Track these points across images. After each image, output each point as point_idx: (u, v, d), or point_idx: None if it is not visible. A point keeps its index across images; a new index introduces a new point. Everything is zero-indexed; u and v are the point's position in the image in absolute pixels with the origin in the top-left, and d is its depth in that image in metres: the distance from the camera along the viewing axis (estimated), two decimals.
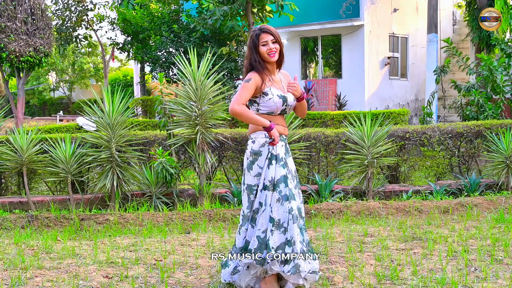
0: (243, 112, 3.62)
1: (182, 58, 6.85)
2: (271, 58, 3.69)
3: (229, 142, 7.21)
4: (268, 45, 3.67)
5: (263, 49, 3.67)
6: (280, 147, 3.72)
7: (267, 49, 3.67)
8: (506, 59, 10.34)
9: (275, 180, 3.63)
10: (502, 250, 4.64)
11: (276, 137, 3.62)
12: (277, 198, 3.61)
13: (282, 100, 3.70)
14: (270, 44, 3.67)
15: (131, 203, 6.75)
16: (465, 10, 16.95)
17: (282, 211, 3.59)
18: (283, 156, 3.71)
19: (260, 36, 3.68)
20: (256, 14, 12.26)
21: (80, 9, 18.35)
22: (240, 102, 3.62)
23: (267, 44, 3.67)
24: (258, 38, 3.68)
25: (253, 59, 3.69)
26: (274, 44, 3.69)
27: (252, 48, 3.69)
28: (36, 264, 4.56)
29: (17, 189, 7.44)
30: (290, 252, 3.57)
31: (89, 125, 10.29)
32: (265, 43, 3.67)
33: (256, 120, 3.64)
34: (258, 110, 3.73)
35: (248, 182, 3.72)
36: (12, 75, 12.01)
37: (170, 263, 4.52)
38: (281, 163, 3.65)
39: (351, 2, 15.84)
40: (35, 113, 27.47)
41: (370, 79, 16.10)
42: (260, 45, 3.68)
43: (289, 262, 3.58)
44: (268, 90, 3.68)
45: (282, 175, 3.63)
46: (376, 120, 7.24)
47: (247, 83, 3.64)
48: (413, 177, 8.01)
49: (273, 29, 3.74)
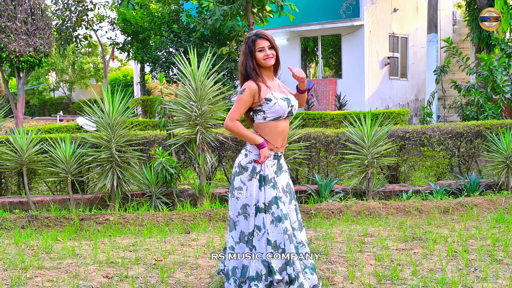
0: (235, 129, 3.60)
1: (182, 58, 6.85)
2: (268, 63, 3.61)
3: (229, 142, 7.21)
4: (264, 50, 3.58)
5: (259, 55, 3.59)
6: (271, 167, 3.66)
7: (264, 55, 3.59)
8: (506, 59, 10.34)
9: (267, 202, 3.60)
10: (502, 250, 4.64)
11: (263, 157, 3.58)
12: (270, 220, 3.58)
13: (287, 103, 3.63)
14: (266, 49, 3.58)
15: (131, 203, 6.75)
16: (465, 10, 16.95)
17: (277, 233, 3.57)
18: (273, 176, 3.65)
19: (256, 42, 3.59)
20: (256, 14, 12.26)
21: (80, 9, 18.35)
22: (234, 117, 3.60)
23: (263, 50, 3.58)
24: (254, 44, 3.59)
25: (249, 66, 3.59)
26: (271, 50, 3.61)
27: (248, 54, 3.60)
28: (36, 264, 4.56)
29: (17, 189, 7.44)
30: (292, 272, 3.55)
31: (89, 125, 10.29)
32: (261, 49, 3.58)
33: (249, 137, 3.60)
34: (265, 118, 3.61)
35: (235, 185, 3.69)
36: (12, 75, 12.01)
37: (170, 263, 4.52)
38: (270, 184, 3.61)
39: (351, 2, 15.84)
40: (35, 113, 27.48)
41: (370, 79, 16.10)
42: (256, 51, 3.59)
43: (293, 283, 3.55)
44: (271, 95, 3.60)
45: (273, 196, 3.60)
46: (376, 120, 7.24)
47: (241, 95, 3.58)
48: (413, 177, 8.01)
49: (269, 34, 3.66)
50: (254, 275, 3.54)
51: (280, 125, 3.65)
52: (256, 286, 3.51)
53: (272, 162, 3.68)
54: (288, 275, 3.53)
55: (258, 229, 3.59)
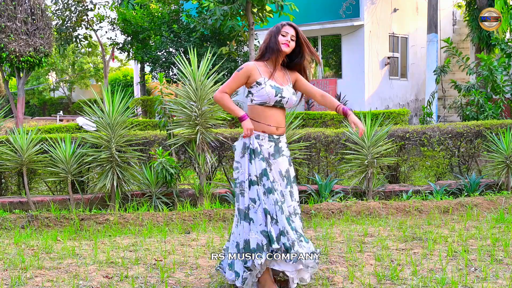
0: (221, 100, 3.79)
1: (182, 58, 6.85)
2: (282, 48, 3.78)
3: (229, 142, 7.21)
4: (286, 36, 3.79)
5: (281, 38, 3.79)
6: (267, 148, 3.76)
7: (285, 39, 3.79)
8: (506, 59, 10.34)
9: (258, 174, 3.70)
10: (502, 250, 4.64)
11: (247, 129, 3.69)
12: (263, 191, 3.69)
13: (275, 91, 3.74)
14: (288, 36, 3.79)
15: (131, 203, 6.75)
16: (465, 10, 16.95)
17: (269, 203, 3.67)
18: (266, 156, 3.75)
19: (285, 27, 3.82)
20: (256, 14, 12.27)
21: (80, 9, 18.36)
22: (223, 90, 3.81)
23: (286, 35, 3.79)
24: (282, 27, 3.83)
25: (271, 42, 3.80)
26: (292, 41, 3.81)
27: (274, 33, 3.82)
28: (36, 264, 4.56)
29: (17, 189, 7.44)
30: (287, 241, 3.63)
31: (89, 125, 10.29)
32: (285, 34, 3.79)
33: (232, 110, 3.78)
34: (252, 100, 3.80)
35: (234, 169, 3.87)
36: (12, 75, 12.01)
37: (170, 263, 4.53)
38: (260, 157, 3.71)
39: (351, 2, 15.84)
40: (35, 113, 27.48)
41: (370, 79, 16.10)
42: (281, 33, 3.79)
43: (289, 251, 3.63)
44: (262, 80, 3.76)
45: (262, 168, 3.70)
46: (376, 120, 7.24)
47: (238, 72, 3.81)
48: (413, 177, 8.01)
49: (300, 30, 3.86)
50: (255, 247, 3.62)
51: (267, 111, 3.78)
52: (259, 257, 3.60)
53: (268, 144, 3.78)
54: (283, 244, 3.63)
55: (253, 202, 3.69)
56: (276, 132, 3.81)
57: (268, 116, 3.79)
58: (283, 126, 3.86)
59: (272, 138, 3.80)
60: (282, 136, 3.87)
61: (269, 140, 3.79)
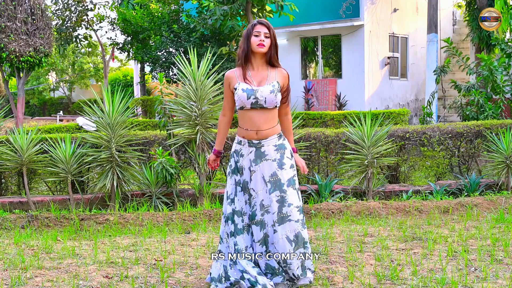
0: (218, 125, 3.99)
1: (182, 58, 6.85)
2: (258, 49, 3.71)
3: (229, 142, 7.21)
4: (259, 36, 3.71)
5: (254, 40, 3.72)
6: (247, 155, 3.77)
7: (258, 40, 3.70)
8: (506, 59, 10.34)
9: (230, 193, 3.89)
10: (502, 250, 4.64)
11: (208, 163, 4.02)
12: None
13: (246, 94, 3.68)
14: (262, 36, 3.71)
15: (131, 203, 6.75)
16: (465, 10, 16.95)
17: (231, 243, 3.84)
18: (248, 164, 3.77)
19: (256, 26, 3.74)
20: (256, 14, 12.26)
21: (80, 9, 18.35)
22: (223, 112, 3.93)
23: (259, 35, 3.71)
24: (253, 28, 3.74)
25: (243, 48, 3.74)
26: (267, 38, 3.73)
27: (245, 37, 3.74)
28: (36, 264, 4.56)
29: (17, 189, 7.44)
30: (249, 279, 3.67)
31: (89, 125, 10.29)
32: (257, 34, 3.71)
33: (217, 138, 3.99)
34: (236, 106, 3.81)
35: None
36: (12, 75, 12.01)
37: (170, 263, 4.52)
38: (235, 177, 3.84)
39: (351, 2, 15.84)
40: (35, 113, 27.47)
41: (370, 79, 16.10)
42: (253, 35, 3.72)
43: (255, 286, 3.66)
44: (238, 85, 3.74)
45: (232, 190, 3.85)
46: (376, 120, 7.24)
47: (224, 86, 3.88)
48: (413, 177, 8.01)
49: (270, 25, 3.78)
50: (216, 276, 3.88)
51: (247, 114, 3.74)
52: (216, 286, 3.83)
53: (248, 149, 3.76)
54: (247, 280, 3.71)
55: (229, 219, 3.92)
56: (255, 136, 3.72)
57: (246, 120, 3.75)
58: (264, 129, 3.72)
59: (252, 144, 3.74)
60: (265, 140, 3.73)
61: (249, 145, 3.75)
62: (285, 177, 3.71)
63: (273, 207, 3.68)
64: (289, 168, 3.75)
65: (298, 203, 3.73)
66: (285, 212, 3.68)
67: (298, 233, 3.70)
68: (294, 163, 3.82)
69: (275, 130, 3.78)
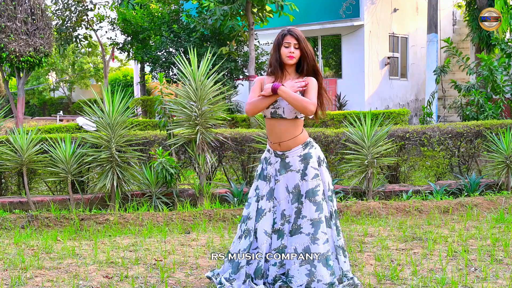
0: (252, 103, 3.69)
1: (182, 58, 6.85)
2: (287, 61, 3.71)
3: (229, 142, 7.21)
4: (290, 47, 3.69)
5: (284, 51, 3.70)
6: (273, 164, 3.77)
7: (288, 52, 3.69)
8: (506, 59, 10.34)
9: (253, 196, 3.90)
10: (502, 250, 4.64)
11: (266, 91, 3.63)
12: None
13: None
14: (292, 47, 3.69)
15: (131, 203, 6.75)
16: (465, 10, 16.94)
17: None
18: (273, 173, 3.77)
19: (285, 37, 3.71)
20: (256, 14, 12.27)
21: (80, 9, 18.34)
22: (249, 102, 3.75)
23: (289, 46, 3.69)
24: (283, 38, 3.72)
25: (274, 58, 3.75)
26: (296, 49, 3.70)
27: (276, 46, 3.74)
28: (36, 264, 4.56)
29: (17, 189, 7.44)
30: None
31: (89, 125, 10.29)
32: (287, 45, 3.70)
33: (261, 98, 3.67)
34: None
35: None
36: (12, 75, 12.01)
37: (170, 263, 4.53)
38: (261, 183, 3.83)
39: (351, 2, 15.84)
40: (35, 113, 27.47)
41: (370, 79, 16.10)
42: (283, 45, 3.71)
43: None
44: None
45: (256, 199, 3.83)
46: (376, 120, 7.23)
47: (253, 86, 3.80)
48: (413, 177, 8.01)
49: (301, 34, 3.74)
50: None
51: (270, 123, 3.75)
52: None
53: (275, 159, 3.77)
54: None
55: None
56: (279, 148, 3.73)
57: (270, 131, 3.76)
58: (285, 140, 3.69)
59: (277, 154, 3.76)
60: (289, 152, 3.71)
61: (275, 156, 3.78)
62: (304, 188, 3.69)
63: (292, 218, 3.70)
64: (311, 179, 3.68)
65: (313, 215, 3.63)
66: (298, 224, 3.66)
67: (307, 247, 3.61)
68: (323, 170, 3.76)
69: (297, 140, 3.72)
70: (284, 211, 3.70)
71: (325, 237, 3.62)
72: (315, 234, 3.61)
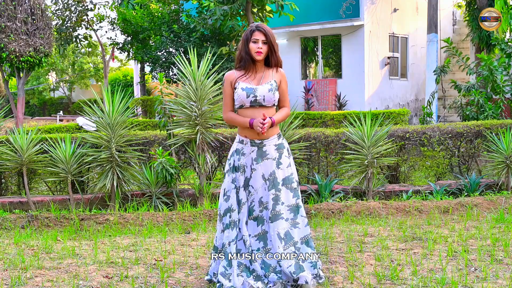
0: (229, 119, 3.91)
1: (182, 58, 6.85)
2: (256, 56, 3.80)
3: (229, 142, 7.21)
4: (257, 43, 3.79)
5: (252, 46, 3.80)
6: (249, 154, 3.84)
7: (256, 47, 3.79)
8: (506, 59, 10.34)
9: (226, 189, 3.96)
10: (502, 250, 4.64)
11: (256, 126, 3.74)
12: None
13: (246, 92, 3.79)
14: (260, 43, 3.79)
15: (131, 203, 6.75)
16: (465, 10, 16.95)
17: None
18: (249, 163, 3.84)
19: (254, 33, 3.80)
20: (256, 14, 12.27)
21: (80, 9, 18.35)
22: (225, 111, 3.92)
23: (257, 42, 3.79)
24: (251, 34, 3.81)
25: (244, 52, 3.83)
26: (264, 45, 3.80)
27: (244, 41, 3.83)
28: (36, 264, 4.56)
29: (17, 189, 7.44)
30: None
31: (89, 125, 10.29)
32: (255, 41, 3.79)
33: (240, 122, 3.84)
34: (235, 105, 3.87)
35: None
36: (12, 75, 12.01)
37: (170, 263, 4.53)
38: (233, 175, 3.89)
39: (351, 2, 15.84)
40: (35, 113, 27.47)
41: (370, 79, 16.10)
42: (251, 41, 3.80)
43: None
44: (237, 85, 3.82)
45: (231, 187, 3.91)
46: (376, 120, 7.24)
47: (224, 88, 3.91)
48: (413, 177, 8.01)
49: (269, 30, 3.83)
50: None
51: (246, 113, 3.83)
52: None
53: (250, 149, 3.85)
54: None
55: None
56: (257, 136, 3.83)
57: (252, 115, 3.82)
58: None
59: (254, 143, 3.85)
60: (267, 140, 3.84)
61: (251, 145, 3.85)
62: (280, 176, 3.83)
63: (270, 204, 3.81)
64: (286, 168, 3.87)
65: (291, 201, 3.83)
66: (278, 210, 3.79)
67: (287, 232, 3.77)
68: (292, 161, 3.94)
69: (274, 129, 3.88)
70: (261, 198, 3.83)
71: (305, 221, 3.85)
72: (295, 219, 3.82)
